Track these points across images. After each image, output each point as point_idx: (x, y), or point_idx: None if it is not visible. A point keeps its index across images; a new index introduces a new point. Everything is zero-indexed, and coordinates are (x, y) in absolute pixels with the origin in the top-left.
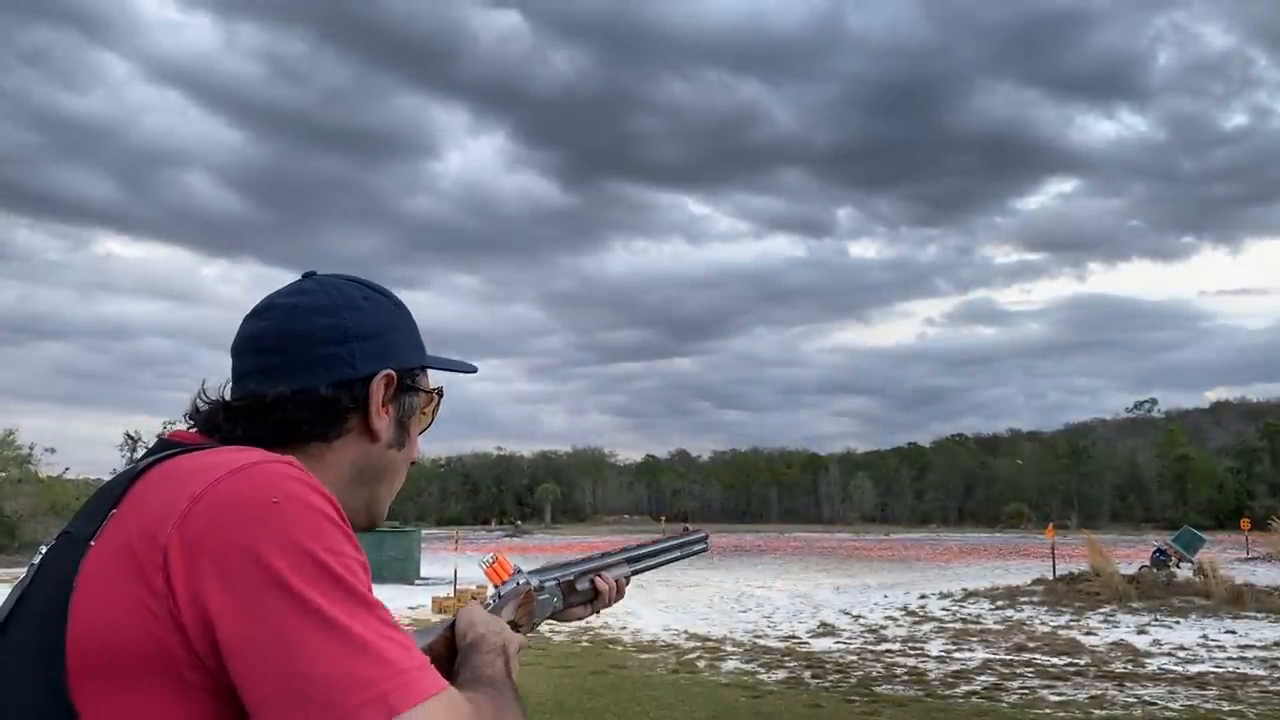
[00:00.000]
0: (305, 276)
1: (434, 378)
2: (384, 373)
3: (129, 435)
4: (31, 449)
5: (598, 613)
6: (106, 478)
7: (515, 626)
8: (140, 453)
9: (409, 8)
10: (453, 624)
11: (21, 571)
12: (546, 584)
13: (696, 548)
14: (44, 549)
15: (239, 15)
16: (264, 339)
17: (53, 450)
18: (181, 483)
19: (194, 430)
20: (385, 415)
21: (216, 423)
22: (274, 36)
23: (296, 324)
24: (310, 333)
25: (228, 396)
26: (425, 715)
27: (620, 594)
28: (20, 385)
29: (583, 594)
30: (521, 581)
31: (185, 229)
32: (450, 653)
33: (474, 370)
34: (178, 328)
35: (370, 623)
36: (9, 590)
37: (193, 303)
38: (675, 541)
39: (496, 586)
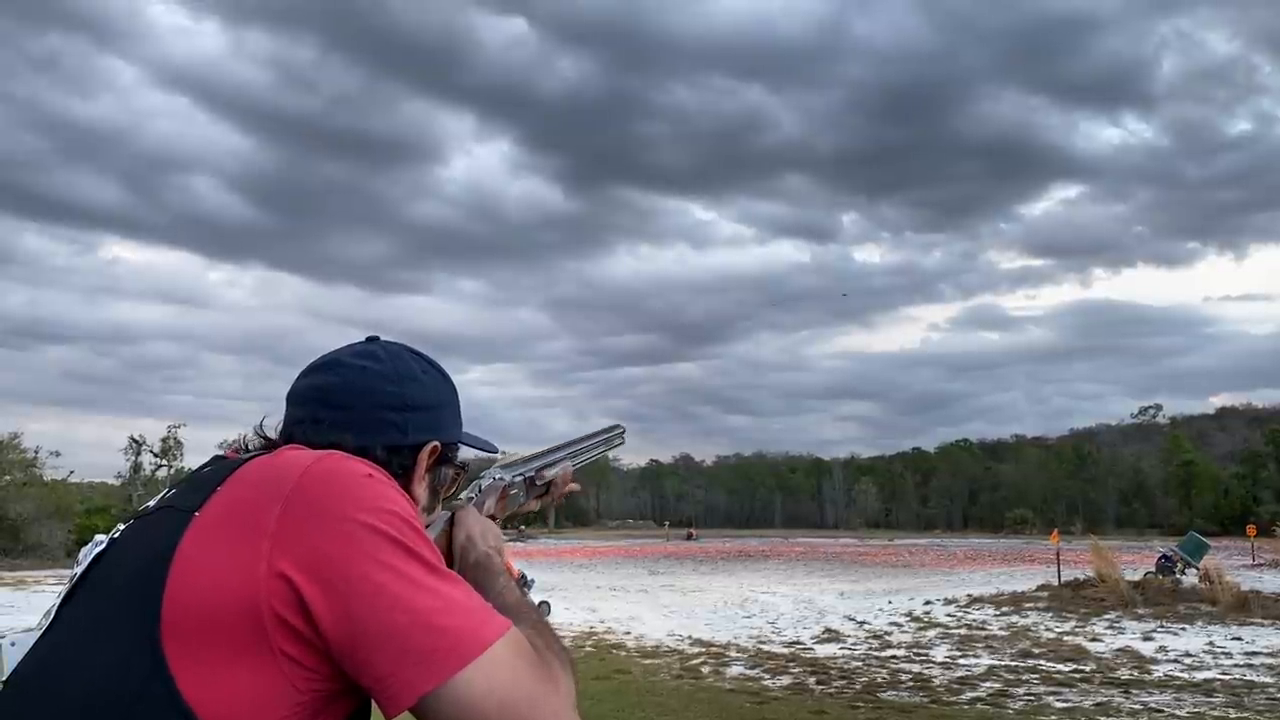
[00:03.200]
0: (369, 340)
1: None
2: (432, 444)
3: (134, 439)
4: (37, 452)
5: (551, 504)
6: (111, 481)
7: (491, 518)
8: (145, 457)
9: (416, 14)
10: (451, 519)
11: (26, 574)
12: (515, 480)
13: (616, 442)
14: (121, 526)
15: (247, 22)
16: (332, 393)
17: (58, 454)
18: (286, 464)
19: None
20: (423, 482)
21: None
22: (282, 43)
23: (365, 385)
24: (376, 396)
25: (271, 437)
26: (500, 650)
27: (567, 484)
28: (26, 389)
29: (539, 487)
30: (497, 477)
31: (192, 234)
32: (447, 550)
33: (495, 450)
34: (184, 332)
35: (446, 575)
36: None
37: (199, 307)
38: (601, 437)
39: (476, 480)
